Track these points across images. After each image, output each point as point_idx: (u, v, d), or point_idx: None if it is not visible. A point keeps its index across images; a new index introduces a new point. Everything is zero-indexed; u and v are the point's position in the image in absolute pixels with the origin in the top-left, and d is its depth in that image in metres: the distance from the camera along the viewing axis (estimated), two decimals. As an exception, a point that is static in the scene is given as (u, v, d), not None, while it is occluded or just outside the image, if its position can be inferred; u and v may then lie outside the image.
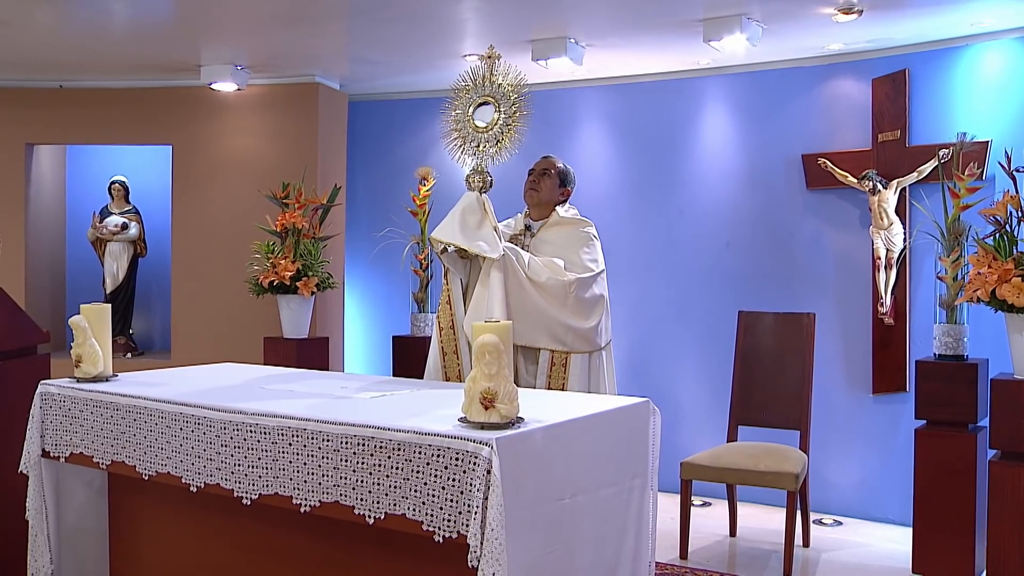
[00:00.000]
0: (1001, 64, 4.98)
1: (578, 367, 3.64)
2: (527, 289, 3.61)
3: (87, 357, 3.32)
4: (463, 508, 2.30)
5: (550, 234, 3.89)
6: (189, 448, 2.89)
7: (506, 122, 3.56)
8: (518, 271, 3.61)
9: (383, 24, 5.12)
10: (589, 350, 3.69)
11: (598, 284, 3.78)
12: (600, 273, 3.81)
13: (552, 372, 3.63)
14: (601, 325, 3.73)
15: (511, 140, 3.58)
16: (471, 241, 3.57)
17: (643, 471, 2.92)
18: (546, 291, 3.63)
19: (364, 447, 2.48)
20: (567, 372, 3.62)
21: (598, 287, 3.78)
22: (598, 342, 3.73)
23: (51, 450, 3.28)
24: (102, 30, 5.30)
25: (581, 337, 3.65)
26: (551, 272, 3.67)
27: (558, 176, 3.96)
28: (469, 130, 3.63)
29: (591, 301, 3.71)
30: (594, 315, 3.70)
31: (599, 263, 3.84)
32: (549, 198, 3.95)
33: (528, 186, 3.98)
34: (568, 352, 3.65)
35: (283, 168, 6.05)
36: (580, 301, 3.65)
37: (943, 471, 4.23)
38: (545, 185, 3.93)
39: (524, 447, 2.37)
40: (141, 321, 7.11)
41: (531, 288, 3.62)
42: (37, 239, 6.69)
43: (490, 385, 2.36)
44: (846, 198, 5.48)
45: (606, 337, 3.79)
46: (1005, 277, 3.47)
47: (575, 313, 3.66)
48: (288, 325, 5.55)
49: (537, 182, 3.95)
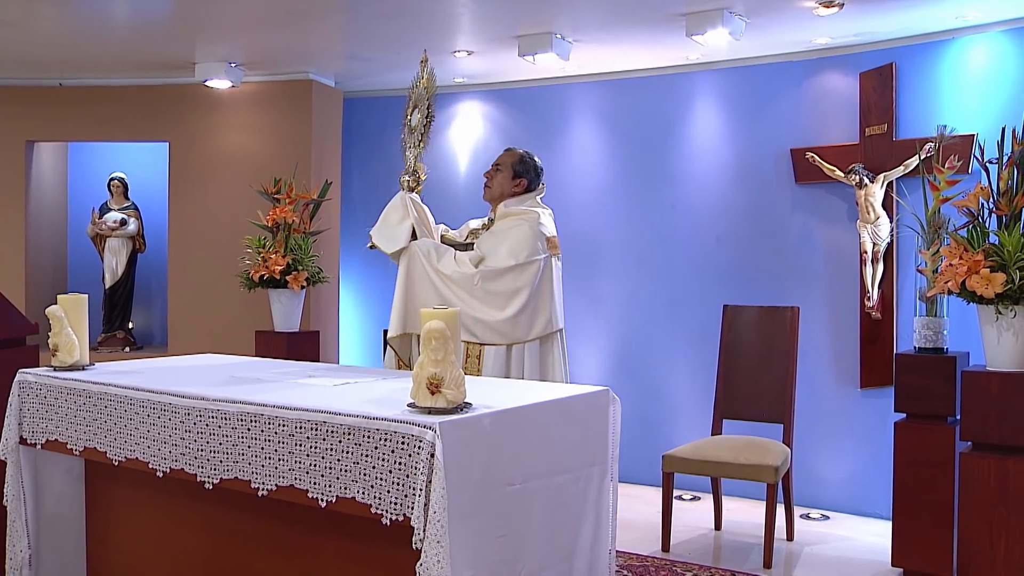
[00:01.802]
0: (987, 57, 4.97)
1: (492, 359, 3.68)
2: (433, 281, 3.74)
3: (63, 346, 3.38)
4: (408, 491, 2.34)
5: (498, 227, 3.94)
6: (156, 434, 2.94)
7: (424, 123, 3.88)
8: (423, 264, 3.77)
9: (373, 20, 5.17)
10: (505, 343, 3.71)
11: (516, 276, 3.74)
12: (516, 266, 3.74)
13: (467, 363, 3.67)
14: (522, 318, 3.70)
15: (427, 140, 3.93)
16: (380, 237, 3.87)
17: (602, 459, 2.94)
18: (453, 283, 3.73)
19: (317, 431, 2.53)
20: (481, 363, 3.68)
21: (516, 279, 3.74)
22: (517, 335, 3.71)
23: (28, 437, 3.34)
24: (100, 29, 5.39)
25: (492, 329, 3.68)
26: (457, 265, 3.75)
27: (511, 169, 3.97)
28: (404, 132, 3.95)
29: (503, 294, 3.71)
30: (509, 307, 3.70)
31: (522, 255, 3.76)
32: (501, 192, 3.98)
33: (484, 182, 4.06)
34: (481, 344, 3.69)
35: (277, 164, 6.11)
36: (488, 293, 3.70)
37: (922, 464, 4.22)
38: (496, 180, 3.99)
39: (470, 432, 2.40)
40: (141, 316, 7.21)
41: (438, 280, 3.74)
42: (38, 234, 6.79)
43: (436, 371, 2.39)
44: (835, 192, 5.49)
45: (536, 330, 3.75)
46: (975, 268, 3.47)
47: (484, 305, 3.70)
48: (279, 319, 5.61)
49: (489, 178, 4.02)
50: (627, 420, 6.09)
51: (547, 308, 3.80)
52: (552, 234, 3.94)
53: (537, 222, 3.87)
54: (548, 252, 3.85)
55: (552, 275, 3.85)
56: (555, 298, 3.85)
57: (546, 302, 3.80)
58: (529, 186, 4.02)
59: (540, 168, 4.08)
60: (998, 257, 3.47)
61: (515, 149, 4.10)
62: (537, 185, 4.06)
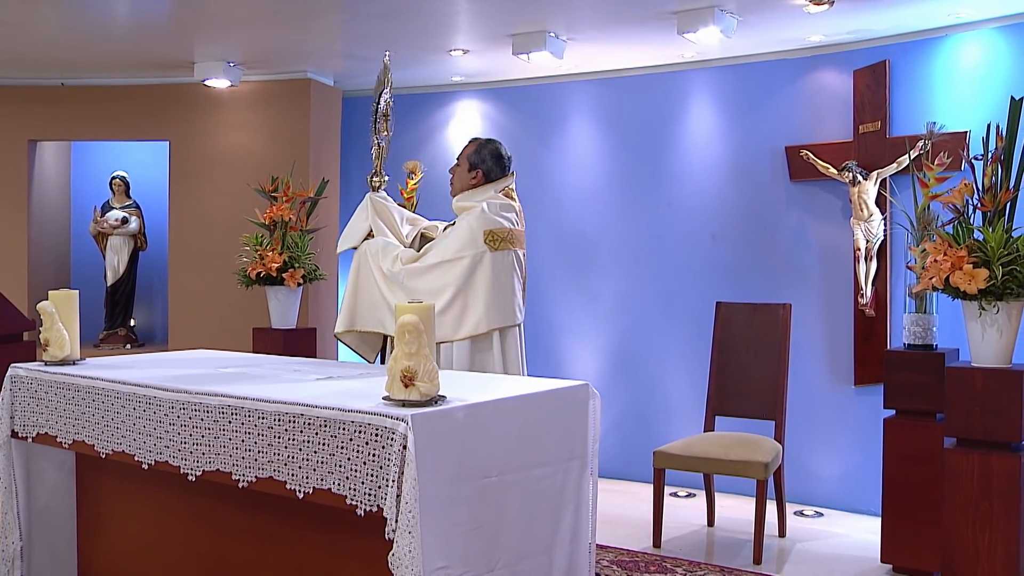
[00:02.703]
0: (979, 54, 4.97)
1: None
2: (376, 279, 3.74)
3: (54, 341, 3.43)
4: (382, 483, 2.37)
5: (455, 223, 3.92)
6: (141, 427, 2.98)
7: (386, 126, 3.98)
8: (369, 262, 3.78)
9: (368, 20, 5.21)
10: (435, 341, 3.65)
11: (442, 274, 3.64)
12: (443, 263, 3.65)
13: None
14: (446, 317, 3.56)
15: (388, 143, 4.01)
16: (343, 238, 3.99)
17: (582, 453, 2.97)
18: (389, 281, 3.71)
19: (294, 424, 2.56)
20: None
21: (441, 277, 3.63)
22: (442, 334, 3.56)
23: (19, 430, 3.39)
24: (101, 29, 5.44)
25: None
26: (391, 264, 3.72)
27: (467, 161, 3.89)
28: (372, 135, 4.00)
29: (427, 292, 3.58)
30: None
31: (449, 252, 3.66)
32: (461, 187, 3.90)
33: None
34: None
35: (276, 163, 6.16)
36: (413, 291, 3.63)
37: (911, 460, 4.23)
38: (455, 176, 3.94)
39: (443, 424, 2.43)
40: (143, 313, 7.27)
41: (379, 278, 3.73)
42: (40, 233, 6.86)
43: (410, 364, 2.42)
44: (829, 190, 5.50)
45: (464, 330, 3.60)
46: (958, 264, 3.48)
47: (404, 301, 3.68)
48: (276, 316, 5.65)
49: (452, 173, 3.98)
50: (622, 417, 6.21)
51: (478, 307, 3.61)
52: (499, 227, 3.70)
53: (479, 216, 3.69)
54: (486, 247, 3.65)
55: (490, 272, 3.65)
56: (493, 296, 3.64)
57: (478, 300, 3.61)
58: (488, 177, 3.87)
59: (502, 156, 3.90)
60: (982, 253, 3.47)
61: (476, 139, 3.99)
62: (499, 175, 3.88)
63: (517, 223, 3.81)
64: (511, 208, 3.80)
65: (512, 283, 3.73)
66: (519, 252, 3.79)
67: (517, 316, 3.75)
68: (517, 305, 3.76)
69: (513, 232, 3.76)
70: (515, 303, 3.74)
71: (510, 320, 3.70)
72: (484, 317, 3.63)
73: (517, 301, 3.76)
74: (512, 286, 3.73)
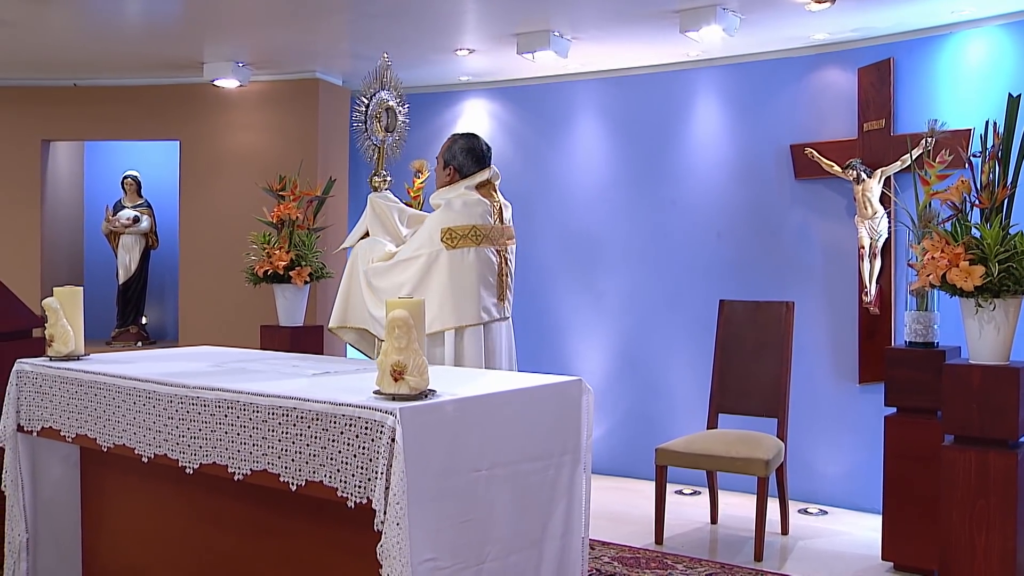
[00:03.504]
0: (984, 52, 4.96)
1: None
2: (359, 277, 3.81)
3: (59, 337, 3.49)
4: (371, 475, 2.40)
5: None
6: (141, 421, 3.03)
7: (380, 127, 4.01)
8: (357, 261, 3.85)
9: (376, 19, 5.26)
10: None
11: (400, 272, 3.66)
12: (401, 262, 3.69)
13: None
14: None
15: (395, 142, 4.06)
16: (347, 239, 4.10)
17: (574, 448, 2.98)
18: (365, 279, 3.77)
19: (288, 417, 2.60)
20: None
21: (400, 275, 3.66)
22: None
23: (25, 424, 3.45)
24: (112, 30, 5.52)
25: (381, 326, 3.34)
26: (367, 263, 3.78)
27: (441, 160, 3.88)
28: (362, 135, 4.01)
29: (386, 290, 3.59)
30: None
31: (407, 251, 3.70)
32: (439, 184, 3.90)
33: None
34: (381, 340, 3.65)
35: (285, 162, 6.21)
36: (376, 290, 3.67)
37: (911, 458, 4.24)
38: (436, 177, 3.94)
39: (432, 418, 2.46)
40: (154, 311, 7.35)
41: (361, 277, 3.80)
42: (54, 231, 6.95)
43: (399, 358, 2.46)
44: (834, 188, 5.50)
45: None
46: (955, 261, 3.48)
47: (376, 301, 3.67)
48: (283, 313, 5.70)
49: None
50: (627, 415, 6.23)
51: (431, 306, 3.54)
52: (458, 224, 3.66)
53: (438, 214, 3.70)
54: (442, 246, 3.63)
55: (446, 270, 3.63)
56: (447, 295, 3.61)
57: (431, 299, 3.55)
58: (460, 172, 3.83)
59: (474, 150, 3.84)
60: (978, 250, 3.47)
61: (453, 135, 3.96)
62: (472, 169, 3.82)
63: (491, 218, 3.74)
64: (481, 204, 3.74)
65: (472, 282, 3.65)
66: (491, 249, 3.71)
67: (477, 315, 3.65)
68: (481, 304, 3.66)
69: (478, 228, 3.69)
70: (477, 302, 3.65)
71: (467, 319, 3.63)
72: (437, 316, 3.59)
73: (483, 300, 3.67)
74: (472, 285, 3.65)
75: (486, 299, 3.69)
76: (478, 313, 3.65)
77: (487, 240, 3.70)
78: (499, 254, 3.76)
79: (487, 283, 3.70)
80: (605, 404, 6.30)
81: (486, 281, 3.69)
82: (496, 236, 3.75)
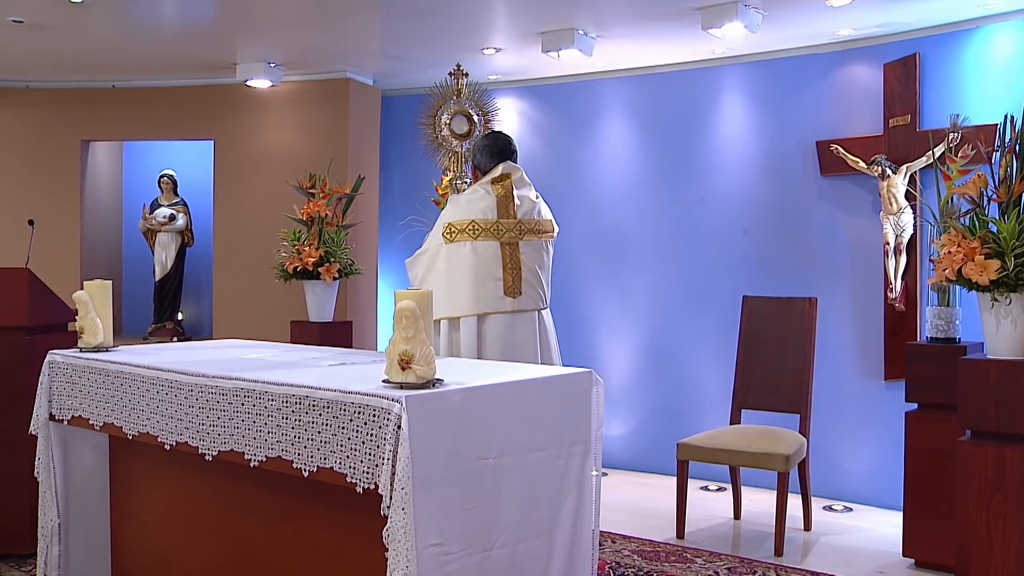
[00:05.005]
0: (1011, 46, 4.91)
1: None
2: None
3: (88, 329, 3.61)
4: (379, 461, 2.47)
5: None
6: (164, 409, 3.13)
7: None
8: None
9: (405, 19, 5.35)
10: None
11: (412, 266, 3.95)
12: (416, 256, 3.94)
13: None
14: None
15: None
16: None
17: (585, 439, 3.02)
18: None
19: (300, 405, 2.68)
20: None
21: (413, 268, 3.95)
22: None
23: (56, 413, 3.58)
24: (149, 33, 5.68)
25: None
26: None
27: (472, 161, 4.07)
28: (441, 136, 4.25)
29: (411, 279, 3.94)
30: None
31: (424, 245, 3.95)
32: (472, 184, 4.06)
33: None
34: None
35: (316, 161, 6.32)
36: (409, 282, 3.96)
37: (932, 454, 4.22)
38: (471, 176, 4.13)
39: (438, 406, 2.52)
40: (190, 307, 7.51)
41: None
42: (93, 229, 7.14)
43: (407, 348, 2.52)
44: (859, 184, 5.48)
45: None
46: (970, 256, 3.46)
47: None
48: (313, 309, 5.81)
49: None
50: (653, 411, 6.25)
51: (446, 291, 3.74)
52: (458, 219, 3.80)
53: (446, 210, 3.93)
54: (442, 240, 3.80)
55: (445, 264, 3.80)
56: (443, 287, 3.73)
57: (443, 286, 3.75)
58: (480, 170, 4.00)
59: (489, 147, 3.97)
60: (995, 244, 3.45)
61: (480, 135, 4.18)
62: (491, 165, 3.94)
63: (494, 213, 3.81)
64: (485, 199, 3.83)
65: (465, 274, 3.77)
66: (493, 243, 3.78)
67: (471, 307, 3.75)
68: (475, 296, 3.76)
69: (477, 223, 3.78)
70: (471, 294, 3.76)
71: (459, 311, 3.75)
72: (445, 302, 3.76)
73: (479, 292, 3.76)
74: (465, 277, 3.76)
75: (485, 291, 3.77)
76: (472, 304, 3.75)
77: (487, 234, 3.79)
78: (505, 247, 3.81)
79: (486, 276, 3.78)
80: (631, 400, 6.33)
81: (485, 274, 3.78)
82: (501, 230, 3.82)
